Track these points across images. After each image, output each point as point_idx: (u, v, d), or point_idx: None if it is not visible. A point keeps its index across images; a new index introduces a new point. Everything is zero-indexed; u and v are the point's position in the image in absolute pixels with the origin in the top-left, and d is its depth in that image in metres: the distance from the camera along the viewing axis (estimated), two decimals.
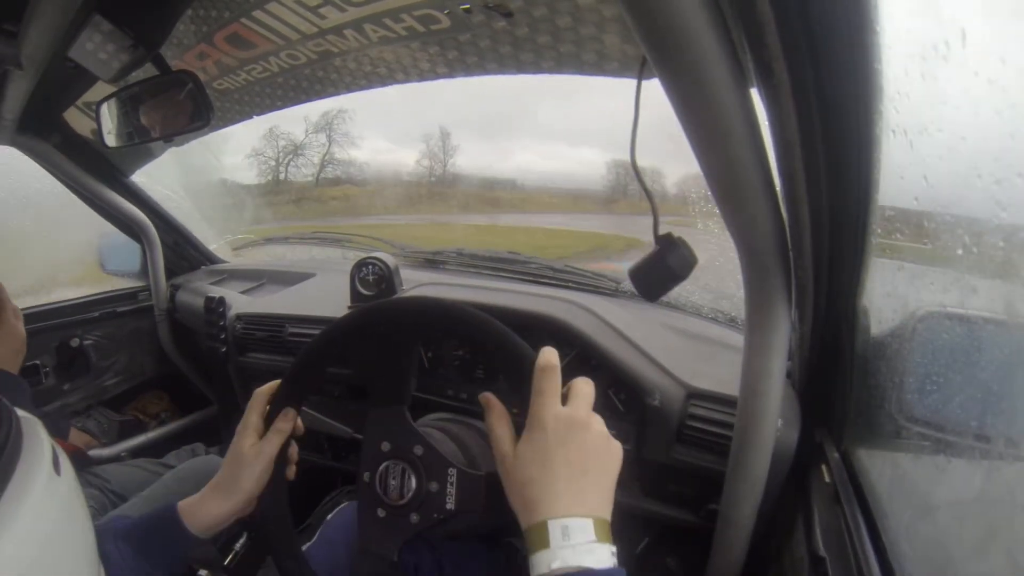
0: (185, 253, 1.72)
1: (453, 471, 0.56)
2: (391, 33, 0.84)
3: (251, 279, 1.61)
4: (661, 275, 0.50)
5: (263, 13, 0.86)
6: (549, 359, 0.48)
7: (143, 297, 1.66)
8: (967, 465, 0.45)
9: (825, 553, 0.55)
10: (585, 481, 0.45)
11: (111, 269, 1.66)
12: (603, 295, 1.17)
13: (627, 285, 1.18)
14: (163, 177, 1.63)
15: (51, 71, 0.78)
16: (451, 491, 0.56)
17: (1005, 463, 0.38)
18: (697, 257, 0.52)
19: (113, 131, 0.88)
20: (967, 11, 0.35)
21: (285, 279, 1.56)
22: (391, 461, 0.58)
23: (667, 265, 0.49)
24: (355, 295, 1.20)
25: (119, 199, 1.46)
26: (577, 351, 0.91)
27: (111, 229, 1.58)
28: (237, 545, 0.81)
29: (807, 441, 0.73)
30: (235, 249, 1.88)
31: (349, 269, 1.21)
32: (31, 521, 0.39)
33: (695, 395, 0.83)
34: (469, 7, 0.73)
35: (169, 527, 0.58)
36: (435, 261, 1.46)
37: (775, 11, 0.31)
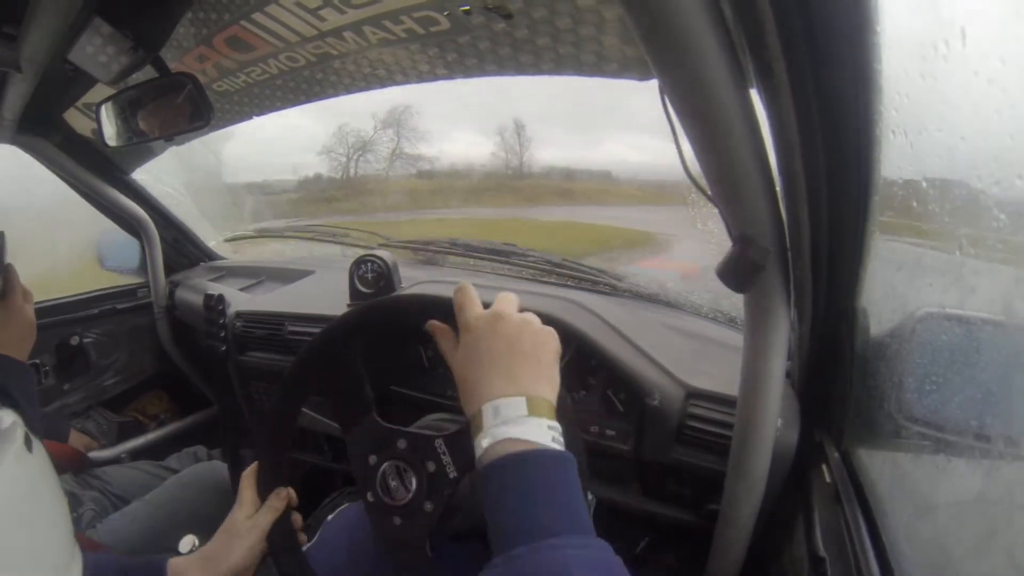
0: (184, 250, 1.72)
1: (440, 441, 0.56)
2: (390, 35, 0.84)
3: (250, 276, 1.61)
4: (748, 269, 0.53)
5: (262, 15, 0.86)
6: (460, 284, 0.52)
7: (142, 294, 1.65)
8: (967, 464, 0.45)
9: (825, 553, 0.55)
10: (515, 362, 0.46)
11: (110, 265, 1.66)
12: (602, 294, 1.17)
13: (627, 284, 1.18)
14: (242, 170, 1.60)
15: (51, 73, 0.78)
16: (446, 460, 0.55)
17: (1004, 462, 0.38)
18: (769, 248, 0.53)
19: (113, 132, 0.88)
20: (967, 11, 0.35)
21: (284, 276, 1.55)
22: (401, 461, 0.57)
23: (752, 261, 0.52)
24: (354, 292, 1.19)
25: (119, 195, 1.46)
26: (576, 350, 0.91)
27: (110, 226, 1.58)
28: None
29: (807, 441, 0.73)
30: (229, 242, 1.86)
31: (348, 266, 1.21)
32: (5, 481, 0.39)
33: (694, 395, 0.83)
34: (469, 8, 0.73)
35: None
36: (424, 251, 1.44)
37: (775, 11, 0.31)
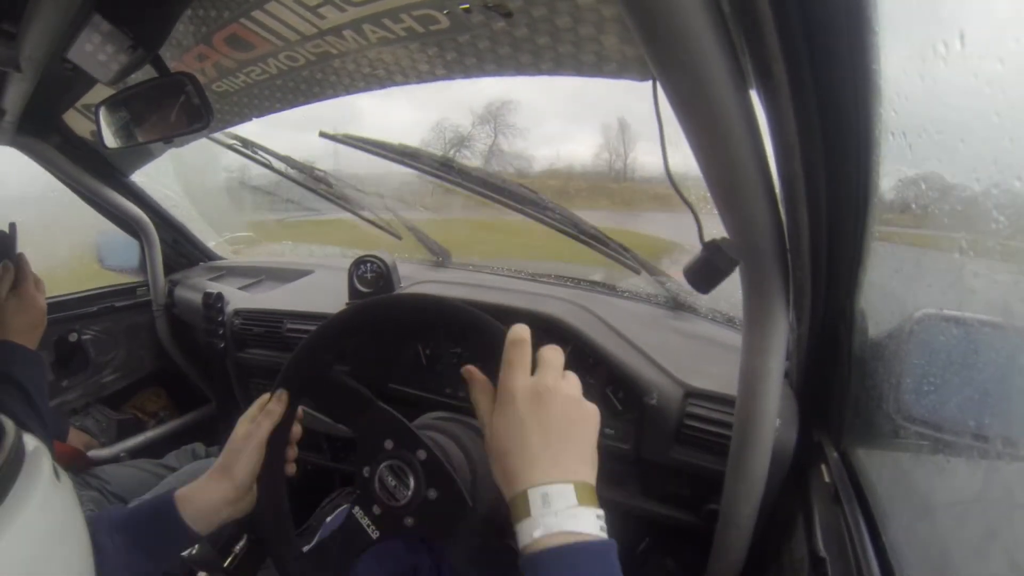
0: (183, 250, 1.72)
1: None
2: (390, 34, 0.84)
3: (249, 275, 1.61)
4: (711, 273, 0.55)
5: (262, 13, 0.85)
6: (519, 333, 0.48)
7: (141, 292, 1.65)
8: (965, 464, 0.45)
9: (825, 553, 0.55)
10: (561, 446, 0.45)
11: (109, 265, 1.66)
12: (602, 294, 1.18)
13: (626, 283, 1.19)
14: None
15: (50, 74, 0.77)
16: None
17: (1003, 462, 0.38)
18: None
19: (112, 133, 0.88)
20: (967, 11, 0.35)
21: (283, 276, 1.56)
22: (393, 460, 0.58)
23: (716, 266, 0.54)
24: (353, 292, 1.20)
25: (118, 197, 1.46)
26: (574, 350, 0.91)
27: (109, 226, 1.57)
28: (237, 547, 0.82)
29: (805, 441, 0.73)
30: (231, 244, 1.87)
31: (347, 266, 1.21)
32: (35, 522, 0.39)
33: (693, 394, 0.83)
34: (468, 7, 0.73)
35: (165, 517, 0.58)
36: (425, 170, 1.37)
37: (774, 12, 0.31)
